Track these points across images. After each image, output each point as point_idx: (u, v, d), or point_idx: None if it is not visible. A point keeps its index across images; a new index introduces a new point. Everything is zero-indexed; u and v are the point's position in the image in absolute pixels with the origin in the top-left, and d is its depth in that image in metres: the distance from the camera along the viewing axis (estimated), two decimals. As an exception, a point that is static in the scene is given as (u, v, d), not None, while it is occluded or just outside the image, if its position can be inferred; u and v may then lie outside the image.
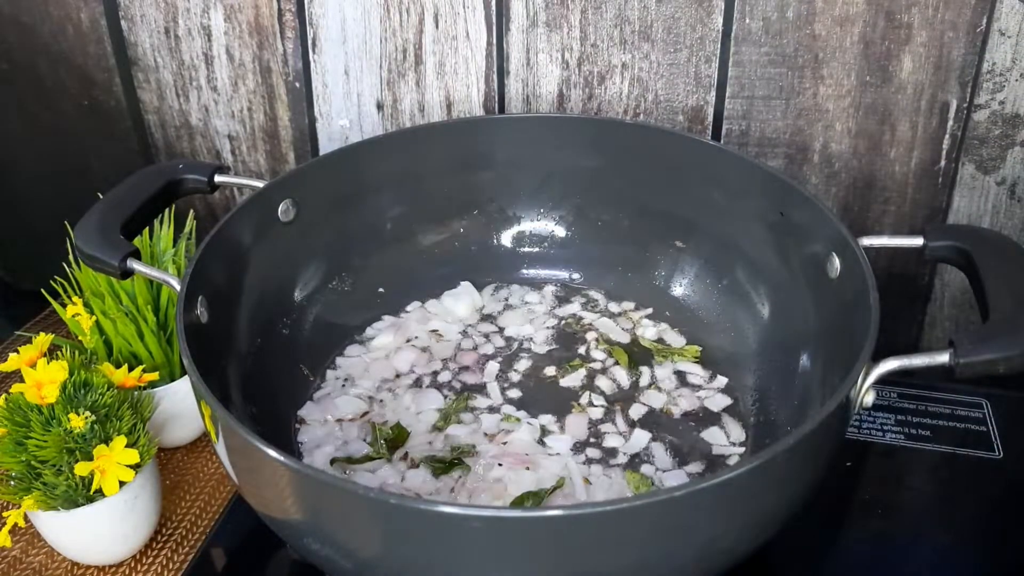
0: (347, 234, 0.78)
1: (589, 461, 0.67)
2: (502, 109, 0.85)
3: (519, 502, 0.63)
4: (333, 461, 0.67)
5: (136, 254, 0.64)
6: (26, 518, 0.64)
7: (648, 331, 0.78)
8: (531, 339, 0.78)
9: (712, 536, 0.51)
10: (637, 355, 0.76)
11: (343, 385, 0.74)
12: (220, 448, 0.56)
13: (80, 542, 0.65)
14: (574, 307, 0.81)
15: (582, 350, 0.77)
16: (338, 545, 0.53)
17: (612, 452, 0.68)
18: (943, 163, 0.79)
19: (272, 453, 0.49)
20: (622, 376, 0.74)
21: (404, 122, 0.87)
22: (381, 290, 0.81)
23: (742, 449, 0.68)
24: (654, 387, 0.73)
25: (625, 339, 0.77)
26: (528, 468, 0.66)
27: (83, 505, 0.62)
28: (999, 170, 0.78)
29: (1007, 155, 0.78)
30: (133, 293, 0.72)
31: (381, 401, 0.73)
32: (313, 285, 0.77)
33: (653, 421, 0.70)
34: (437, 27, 0.82)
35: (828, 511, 0.69)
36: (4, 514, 0.63)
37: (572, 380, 0.74)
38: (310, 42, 0.85)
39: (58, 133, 0.93)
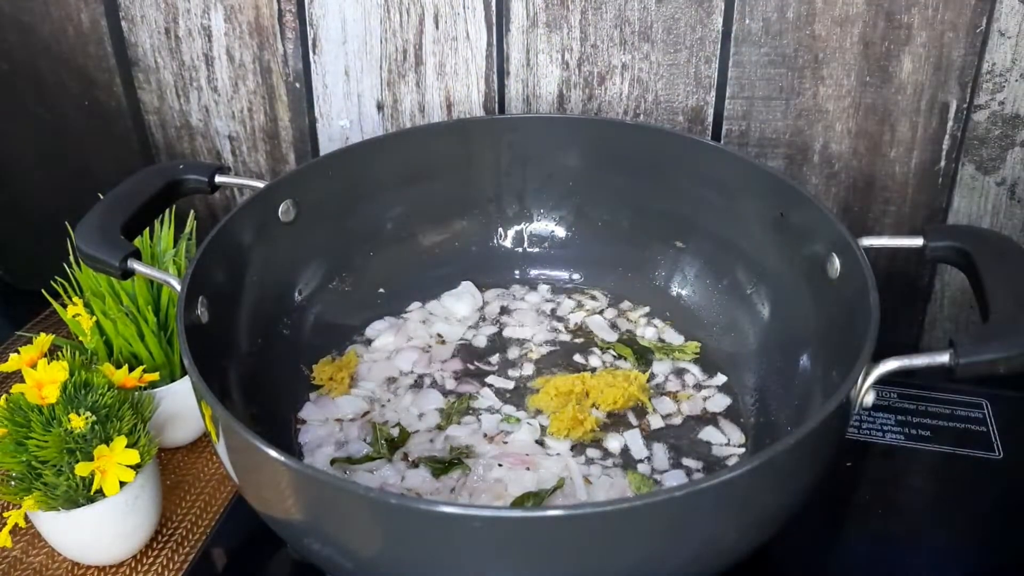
0: (347, 234, 0.78)
1: (589, 461, 0.67)
2: (502, 109, 0.85)
3: (519, 502, 0.63)
4: (333, 461, 0.67)
5: (136, 254, 0.64)
6: (26, 518, 0.64)
7: (647, 331, 0.78)
8: (531, 339, 0.78)
9: (712, 536, 0.51)
10: (637, 354, 0.76)
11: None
12: (220, 448, 0.56)
13: (80, 542, 0.65)
14: (574, 307, 0.81)
15: (582, 350, 0.77)
16: (338, 545, 0.53)
17: (612, 452, 0.68)
18: (943, 163, 0.79)
19: (272, 453, 0.49)
20: (622, 376, 0.74)
21: (404, 122, 0.87)
22: (381, 290, 0.81)
23: (742, 449, 0.68)
24: (654, 387, 0.73)
25: (625, 339, 0.77)
26: (528, 468, 0.66)
27: (83, 505, 0.62)
28: (999, 170, 0.79)
29: (1007, 155, 0.78)
30: (133, 293, 0.72)
31: (383, 401, 0.73)
32: (313, 285, 0.77)
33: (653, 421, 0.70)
34: (437, 28, 0.82)
35: (828, 511, 0.69)
36: (5, 514, 0.63)
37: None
38: (310, 43, 0.85)
39: (58, 133, 0.93)
